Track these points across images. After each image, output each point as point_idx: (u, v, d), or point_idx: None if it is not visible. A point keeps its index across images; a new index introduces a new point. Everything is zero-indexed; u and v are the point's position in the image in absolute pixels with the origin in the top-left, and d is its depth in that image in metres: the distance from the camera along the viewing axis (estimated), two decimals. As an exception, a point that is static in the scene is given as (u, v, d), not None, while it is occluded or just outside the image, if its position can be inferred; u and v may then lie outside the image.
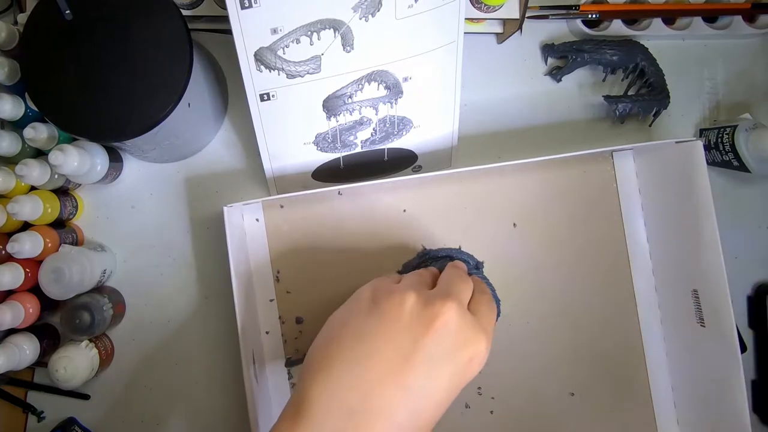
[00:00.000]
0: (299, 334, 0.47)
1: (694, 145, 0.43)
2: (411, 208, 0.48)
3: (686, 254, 0.46)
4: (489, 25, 0.50)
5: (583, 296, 0.49)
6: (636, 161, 0.51)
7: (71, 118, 0.39)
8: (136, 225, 0.49)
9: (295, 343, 0.47)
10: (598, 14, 0.52)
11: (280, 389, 0.47)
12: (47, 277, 0.42)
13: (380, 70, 0.41)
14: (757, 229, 0.55)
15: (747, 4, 0.54)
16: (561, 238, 0.49)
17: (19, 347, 0.42)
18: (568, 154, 0.44)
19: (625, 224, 0.50)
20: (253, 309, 0.46)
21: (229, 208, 0.42)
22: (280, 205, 0.47)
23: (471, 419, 0.48)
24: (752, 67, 0.56)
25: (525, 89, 0.53)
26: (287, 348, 0.47)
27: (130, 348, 0.48)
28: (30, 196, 0.43)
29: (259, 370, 0.45)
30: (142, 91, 0.38)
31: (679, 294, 0.47)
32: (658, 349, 0.50)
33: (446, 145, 0.49)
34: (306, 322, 0.47)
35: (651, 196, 0.50)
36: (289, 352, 0.47)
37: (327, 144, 0.45)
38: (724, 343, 0.42)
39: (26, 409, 0.47)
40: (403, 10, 0.39)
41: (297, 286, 0.47)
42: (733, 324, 0.42)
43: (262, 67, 0.39)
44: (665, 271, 0.49)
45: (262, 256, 0.47)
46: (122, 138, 0.39)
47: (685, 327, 0.47)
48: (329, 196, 0.47)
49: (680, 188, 0.45)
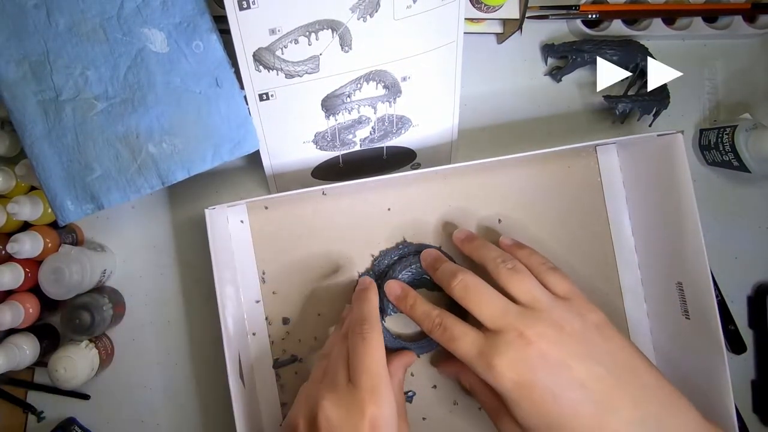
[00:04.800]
0: (286, 335, 0.47)
1: (675, 138, 0.43)
2: (395, 207, 0.48)
3: (670, 247, 0.46)
4: (489, 25, 0.50)
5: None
6: (619, 155, 0.51)
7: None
8: (136, 225, 0.49)
9: (282, 344, 0.47)
10: (598, 14, 0.52)
11: (268, 391, 0.47)
12: (47, 277, 0.42)
13: (379, 70, 0.41)
14: (757, 229, 0.55)
15: (747, 4, 0.54)
16: (546, 233, 0.49)
17: (19, 347, 0.43)
18: (551, 149, 0.44)
19: (610, 218, 0.50)
20: (240, 311, 0.46)
21: (212, 211, 0.42)
22: (265, 206, 0.47)
23: (459, 416, 0.48)
24: (752, 67, 0.56)
25: (525, 89, 0.53)
26: (274, 349, 0.47)
27: (130, 348, 0.48)
28: (30, 197, 0.44)
29: (246, 372, 0.44)
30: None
31: (664, 287, 0.47)
32: (646, 342, 0.50)
33: (446, 144, 0.49)
34: (293, 322, 0.47)
35: (635, 189, 0.50)
36: (277, 354, 0.47)
37: (326, 143, 0.46)
38: (709, 335, 0.43)
39: (26, 409, 0.47)
40: (401, 11, 0.39)
41: (283, 287, 0.47)
42: (717, 315, 0.42)
43: (261, 68, 0.40)
44: (650, 264, 0.49)
45: (247, 257, 0.47)
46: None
47: (670, 320, 0.47)
48: (313, 196, 0.47)
49: (663, 181, 0.46)
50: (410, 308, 0.42)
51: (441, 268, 0.42)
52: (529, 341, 0.36)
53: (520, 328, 0.36)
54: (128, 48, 0.38)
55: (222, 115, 0.40)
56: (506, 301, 0.38)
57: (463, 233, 0.46)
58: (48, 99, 0.38)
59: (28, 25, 0.37)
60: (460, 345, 0.38)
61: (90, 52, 0.38)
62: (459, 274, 0.40)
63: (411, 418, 0.47)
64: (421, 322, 0.41)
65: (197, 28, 0.38)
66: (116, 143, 0.39)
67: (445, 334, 0.39)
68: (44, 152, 0.38)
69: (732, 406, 0.42)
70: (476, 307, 0.38)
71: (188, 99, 0.39)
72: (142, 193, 0.40)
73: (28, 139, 0.38)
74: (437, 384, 0.48)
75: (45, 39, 0.37)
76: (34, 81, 0.38)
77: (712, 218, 0.53)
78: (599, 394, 0.35)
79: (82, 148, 0.38)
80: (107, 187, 0.39)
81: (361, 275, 0.47)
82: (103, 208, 0.40)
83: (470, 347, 0.37)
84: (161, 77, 0.38)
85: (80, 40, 0.37)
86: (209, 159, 0.40)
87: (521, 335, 0.36)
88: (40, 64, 0.37)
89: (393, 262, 0.47)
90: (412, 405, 0.47)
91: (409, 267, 0.45)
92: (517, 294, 0.38)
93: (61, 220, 0.39)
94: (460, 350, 0.38)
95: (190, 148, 0.40)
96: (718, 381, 0.42)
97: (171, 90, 0.39)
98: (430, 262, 0.44)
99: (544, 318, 0.37)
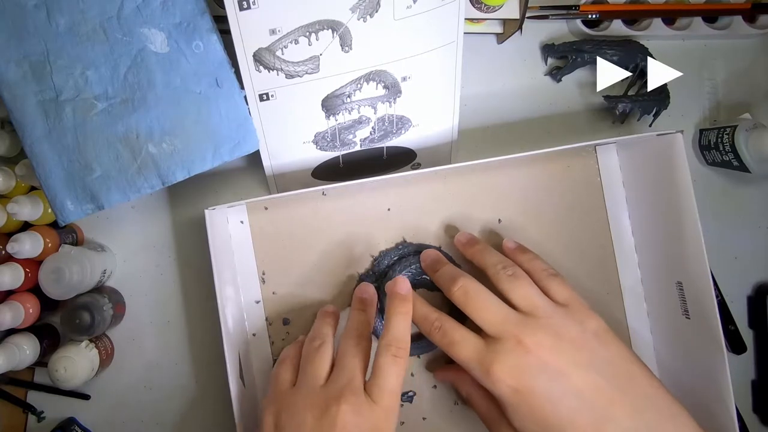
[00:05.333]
0: (286, 335, 0.47)
1: (675, 138, 0.43)
2: (395, 207, 0.48)
3: (670, 246, 0.46)
4: (489, 25, 0.50)
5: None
6: (619, 155, 0.51)
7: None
8: (136, 225, 0.49)
9: (282, 345, 0.47)
10: (598, 14, 0.52)
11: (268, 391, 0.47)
12: (47, 277, 0.42)
13: (379, 70, 0.41)
14: (757, 229, 0.55)
15: (747, 4, 0.54)
16: (546, 233, 0.49)
17: (19, 347, 0.43)
18: (551, 149, 0.44)
19: (610, 218, 0.50)
20: (240, 311, 0.46)
21: (212, 211, 0.42)
22: (265, 207, 0.47)
23: (459, 416, 0.48)
24: (752, 67, 0.56)
25: (525, 89, 0.53)
26: (274, 349, 0.47)
27: (130, 348, 0.48)
28: (30, 196, 0.44)
29: (246, 372, 0.44)
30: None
31: (664, 287, 0.47)
32: (646, 342, 0.50)
33: (446, 144, 0.49)
34: (293, 323, 0.47)
35: (635, 189, 0.50)
36: (277, 354, 0.47)
37: (326, 143, 0.46)
38: (709, 335, 0.43)
39: (26, 409, 0.47)
40: (401, 11, 0.39)
41: (283, 288, 0.47)
42: (717, 315, 0.42)
43: (261, 68, 0.40)
44: (650, 263, 0.49)
45: (247, 257, 0.47)
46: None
47: (670, 320, 0.47)
48: (313, 196, 0.47)
49: (662, 181, 0.46)
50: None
51: (441, 271, 0.42)
52: (528, 349, 0.36)
53: (520, 335, 0.36)
54: (128, 48, 0.38)
55: (222, 115, 0.40)
56: (506, 308, 0.38)
57: (464, 237, 0.46)
58: (48, 99, 0.38)
59: (28, 25, 0.37)
60: (460, 350, 0.38)
61: (90, 52, 0.38)
62: (459, 280, 0.40)
63: (411, 418, 0.47)
64: (419, 324, 0.41)
65: (197, 28, 0.38)
66: (116, 143, 0.39)
67: (444, 338, 0.39)
68: (44, 152, 0.38)
69: (732, 406, 0.42)
70: (476, 313, 0.38)
71: (188, 99, 0.39)
72: (142, 193, 0.40)
73: (28, 139, 0.38)
74: (437, 384, 0.48)
75: (45, 39, 0.37)
76: (34, 81, 0.38)
77: (712, 218, 0.53)
78: (597, 402, 0.35)
79: (82, 148, 0.38)
80: (107, 187, 0.39)
81: (361, 276, 0.47)
82: (103, 208, 0.40)
83: (470, 352, 0.37)
84: (161, 77, 0.38)
85: (80, 40, 0.37)
86: (209, 159, 0.40)
87: (520, 343, 0.36)
88: (40, 64, 0.37)
89: (393, 262, 0.47)
90: (412, 405, 0.47)
91: (408, 267, 0.45)
92: (517, 300, 0.39)
93: (61, 220, 0.39)
94: (459, 355, 0.38)
95: (190, 148, 0.40)
96: (718, 381, 0.42)
97: (171, 90, 0.39)
98: (429, 263, 0.44)
99: (542, 325, 0.37)
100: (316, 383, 0.37)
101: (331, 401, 0.35)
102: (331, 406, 0.35)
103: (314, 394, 0.36)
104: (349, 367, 0.37)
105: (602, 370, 0.36)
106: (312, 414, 0.35)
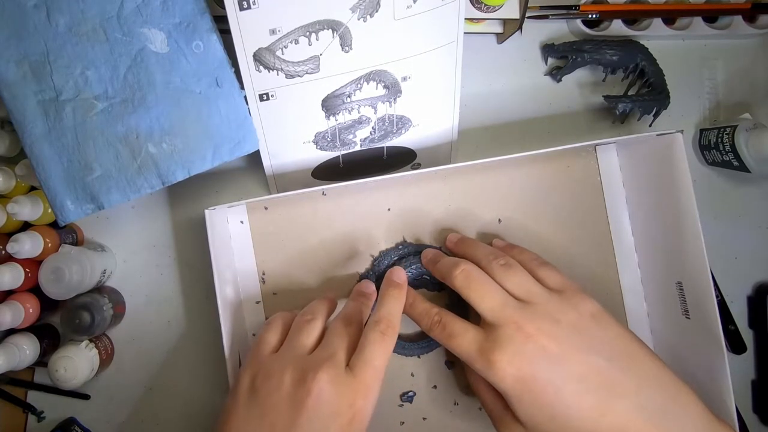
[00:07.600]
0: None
1: (675, 138, 0.44)
2: (395, 207, 0.48)
3: (670, 246, 0.46)
4: (489, 25, 0.50)
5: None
6: (619, 155, 0.51)
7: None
8: (136, 225, 0.49)
9: None
10: (598, 14, 0.52)
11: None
12: (47, 277, 0.42)
13: (379, 70, 0.41)
14: (757, 229, 0.55)
15: (747, 4, 0.54)
16: (546, 232, 0.49)
17: (19, 347, 0.43)
18: (551, 149, 0.44)
19: (610, 218, 0.50)
20: (240, 312, 0.46)
21: (212, 211, 0.42)
22: (265, 207, 0.47)
23: (459, 416, 0.48)
24: (752, 67, 0.56)
25: (525, 89, 0.53)
26: None
27: (130, 348, 0.48)
28: (30, 196, 0.44)
29: None
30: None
31: (664, 286, 0.47)
32: (646, 341, 0.49)
33: (446, 144, 0.49)
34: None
35: (635, 189, 0.50)
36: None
37: (326, 143, 0.46)
38: (709, 335, 0.43)
39: (26, 409, 0.47)
40: (401, 11, 0.39)
41: (283, 288, 0.47)
42: (717, 315, 0.42)
43: (261, 68, 0.39)
44: (650, 263, 0.49)
45: (247, 258, 0.47)
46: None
47: (670, 319, 0.47)
48: (313, 196, 0.47)
49: (662, 180, 0.46)
50: (409, 306, 0.42)
51: (442, 262, 0.42)
52: (528, 335, 0.36)
53: (519, 321, 0.36)
54: (128, 48, 0.38)
55: (222, 115, 0.40)
56: (506, 294, 0.38)
57: (454, 237, 0.46)
58: (48, 99, 0.38)
59: (28, 25, 0.37)
60: (460, 342, 0.38)
61: (90, 52, 0.38)
62: (461, 264, 0.40)
63: (411, 418, 0.47)
64: (420, 319, 0.41)
65: (197, 28, 0.38)
66: (116, 143, 0.39)
67: (444, 332, 0.39)
68: (44, 152, 0.38)
69: (732, 406, 0.42)
70: (477, 296, 0.38)
71: (188, 99, 0.39)
72: (142, 193, 0.40)
73: (28, 139, 0.38)
74: (437, 384, 0.48)
75: (45, 39, 0.37)
76: (34, 81, 0.38)
77: (712, 218, 0.53)
78: (599, 384, 0.35)
79: (82, 148, 0.38)
80: (107, 187, 0.39)
81: (361, 275, 0.47)
82: (103, 208, 0.39)
83: (470, 344, 0.37)
84: (161, 77, 0.38)
85: (80, 40, 0.37)
86: (209, 159, 0.40)
87: (520, 329, 0.36)
88: (40, 64, 0.37)
89: (393, 262, 0.47)
90: (412, 405, 0.47)
91: (409, 267, 0.45)
92: (512, 288, 0.39)
93: (61, 220, 0.39)
94: (459, 347, 0.38)
95: (190, 148, 0.40)
96: (718, 381, 0.42)
97: (171, 90, 0.39)
98: (430, 258, 0.44)
99: (540, 311, 0.37)
100: (300, 352, 0.36)
101: (308, 369, 0.34)
102: (308, 372, 0.34)
103: (295, 360, 0.36)
104: (335, 344, 0.37)
105: (602, 351, 0.36)
106: (289, 378, 0.34)
